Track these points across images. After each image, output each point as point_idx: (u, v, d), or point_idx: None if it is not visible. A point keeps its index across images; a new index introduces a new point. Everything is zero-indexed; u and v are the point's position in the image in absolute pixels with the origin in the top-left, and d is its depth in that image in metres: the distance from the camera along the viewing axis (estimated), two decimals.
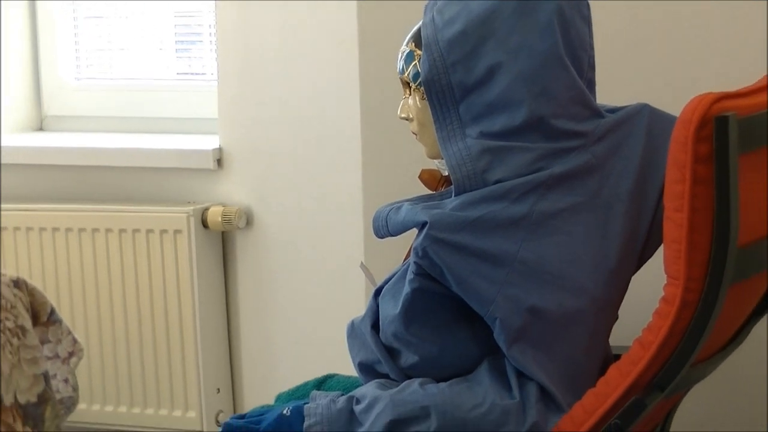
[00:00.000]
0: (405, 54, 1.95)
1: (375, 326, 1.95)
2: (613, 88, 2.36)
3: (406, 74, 1.94)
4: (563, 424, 1.82)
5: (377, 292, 1.97)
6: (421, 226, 1.81)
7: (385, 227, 1.91)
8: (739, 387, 2.50)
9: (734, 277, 1.73)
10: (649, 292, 1.82)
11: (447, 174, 1.94)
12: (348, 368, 2.06)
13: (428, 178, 2.05)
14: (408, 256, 1.92)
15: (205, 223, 3.02)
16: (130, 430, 3.17)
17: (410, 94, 1.96)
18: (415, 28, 1.93)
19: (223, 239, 3.08)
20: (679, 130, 1.69)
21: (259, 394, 3.00)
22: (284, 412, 1.89)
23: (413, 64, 1.92)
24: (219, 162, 3.04)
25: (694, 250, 1.71)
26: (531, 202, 1.81)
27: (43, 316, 2.70)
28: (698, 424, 2.48)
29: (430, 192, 2.02)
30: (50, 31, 3.39)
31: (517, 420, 1.81)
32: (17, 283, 2.64)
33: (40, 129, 3.44)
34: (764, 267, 1.88)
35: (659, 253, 1.82)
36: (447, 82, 1.84)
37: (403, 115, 1.99)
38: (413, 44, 1.93)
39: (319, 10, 2.84)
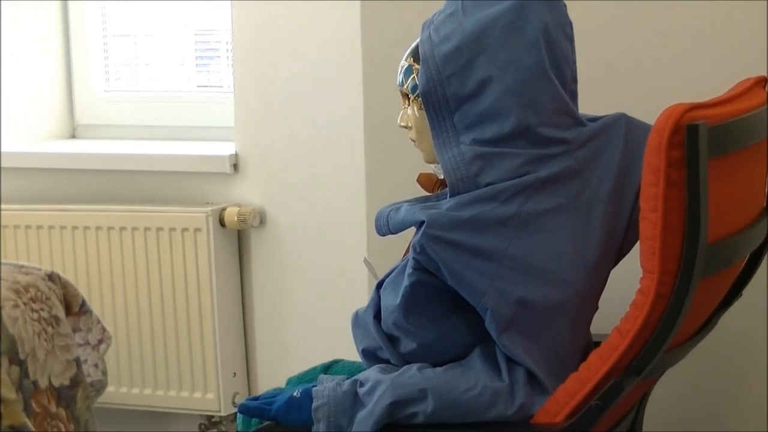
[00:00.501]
0: (404, 68, 1.94)
1: (377, 316, 1.95)
2: (615, 88, 2.34)
3: (405, 86, 1.94)
4: (548, 405, 1.82)
5: (379, 285, 1.97)
6: (419, 224, 1.81)
7: (386, 226, 1.91)
8: (739, 387, 2.45)
9: (704, 272, 1.72)
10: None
11: (443, 177, 1.93)
12: (352, 354, 2.05)
13: (425, 181, 2.04)
14: (407, 252, 1.92)
15: (222, 223, 3.01)
16: (155, 411, 3.17)
17: (409, 105, 1.95)
18: (413, 44, 1.93)
19: (238, 237, 3.07)
20: (654, 137, 1.69)
21: (272, 377, 3.00)
22: (294, 394, 1.88)
23: (411, 77, 1.92)
24: (235, 166, 3.04)
25: (667, 247, 1.71)
26: (519, 203, 1.81)
27: (75, 306, 2.69)
28: (699, 423, 2.45)
29: (427, 194, 2.02)
30: (82, 48, 3.38)
31: (506, 401, 1.81)
32: (51, 277, 2.64)
33: (73, 137, 3.43)
34: (731, 263, 1.88)
35: (636, 249, 1.81)
36: (443, 94, 1.84)
37: (402, 124, 1.98)
38: (411, 59, 1.92)
39: (325, 29, 2.84)
